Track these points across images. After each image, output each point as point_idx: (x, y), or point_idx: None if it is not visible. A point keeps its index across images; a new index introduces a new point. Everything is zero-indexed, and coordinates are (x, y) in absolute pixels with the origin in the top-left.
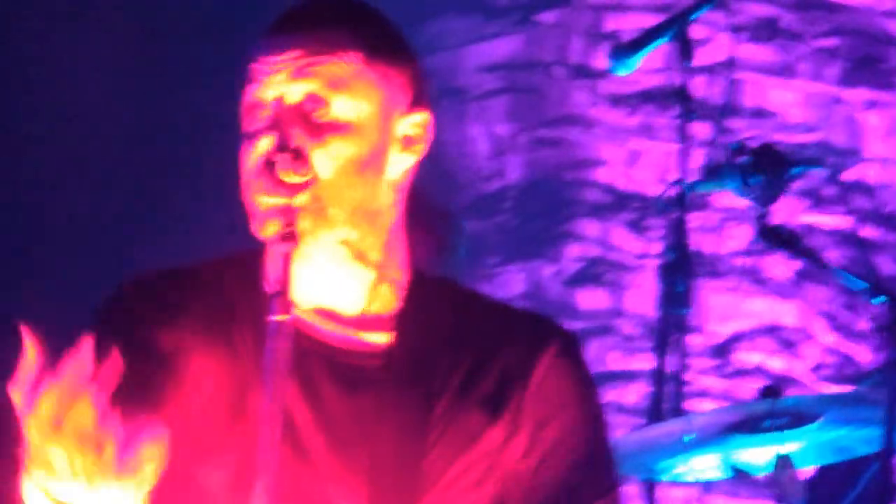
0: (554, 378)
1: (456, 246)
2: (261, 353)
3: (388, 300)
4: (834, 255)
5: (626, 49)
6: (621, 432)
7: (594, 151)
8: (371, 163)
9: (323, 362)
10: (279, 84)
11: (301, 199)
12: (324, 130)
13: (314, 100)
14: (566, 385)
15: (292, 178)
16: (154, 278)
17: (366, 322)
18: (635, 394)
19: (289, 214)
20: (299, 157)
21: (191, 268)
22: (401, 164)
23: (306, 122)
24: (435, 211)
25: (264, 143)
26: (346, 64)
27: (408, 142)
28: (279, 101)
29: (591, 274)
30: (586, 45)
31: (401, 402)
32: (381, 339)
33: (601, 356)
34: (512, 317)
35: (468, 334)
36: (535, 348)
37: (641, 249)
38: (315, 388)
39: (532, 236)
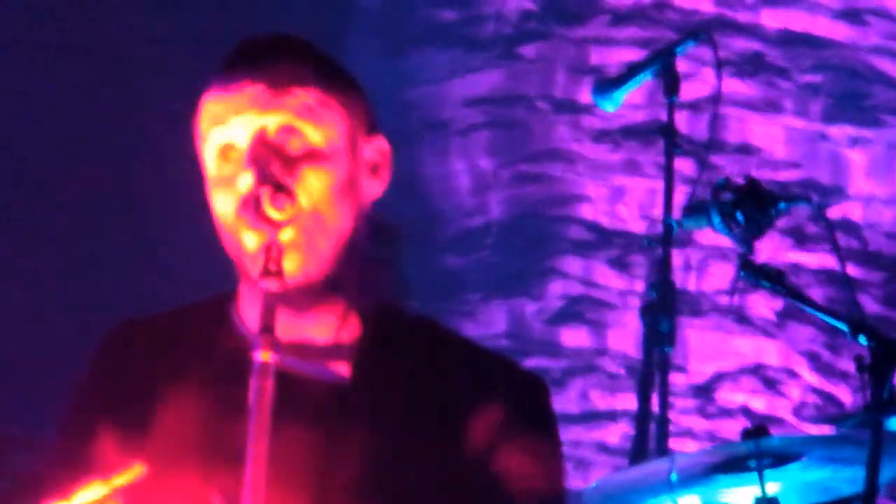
0: (513, 424)
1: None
2: (231, 395)
3: (353, 328)
4: (818, 294)
5: (610, 84)
6: (604, 472)
7: (577, 187)
8: (346, 189)
9: (280, 393)
10: (250, 120)
11: (287, 236)
12: (300, 162)
13: (288, 130)
14: (524, 432)
15: (275, 214)
16: (129, 328)
17: (330, 353)
18: (618, 433)
19: (273, 251)
20: (282, 191)
21: (166, 314)
22: (370, 191)
23: (282, 155)
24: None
25: (245, 181)
26: (310, 91)
27: (374, 168)
28: (256, 137)
29: (573, 311)
30: (570, 79)
31: (354, 434)
32: (341, 369)
33: (584, 395)
34: (478, 355)
35: (427, 371)
36: (496, 390)
37: (624, 287)
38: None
39: (514, 273)
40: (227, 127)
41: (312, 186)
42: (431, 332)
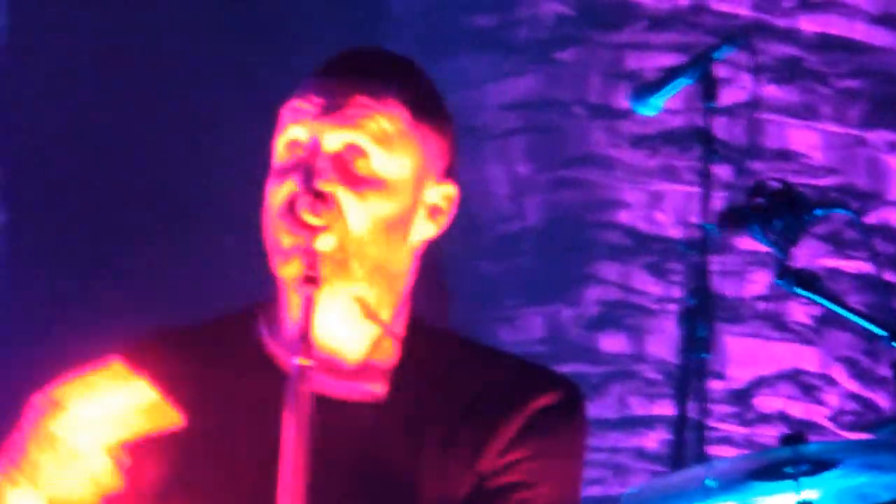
0: (538, 428)
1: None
2: (259, 407)
3: (388, 352)
4: (855, 300)
5: (647, 89)
6: (642, 478)
7: (615, 193)
8: (398, 224)
9: (315, 411)
10: (321, 128)
11: (325, 245)
12: (360, 182)
13: (355, 150)
14: (547, 440)
15: (313, 220)
16: (153, 338)
17: (364, 371)
18: (656, 440)
19: (311, 257)
20: (321, 199)
21: (191, 326)
22: (423, 233)
23: (343, 170)
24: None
25: (291, 184)
26: (392, 119)
27: (434, 211)
28: (316, 144)
29: (611, 317)
30: (607, 84)
31: (390, 454)
32: (376, 389)
33: (622, 401)
34: (513, 367)
35: (462, 384)
36: (524, 397)
37: (662, 293)
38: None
39: (552, 279)
40: (302, 126)
41: (364, 208)
42: (462, 347)
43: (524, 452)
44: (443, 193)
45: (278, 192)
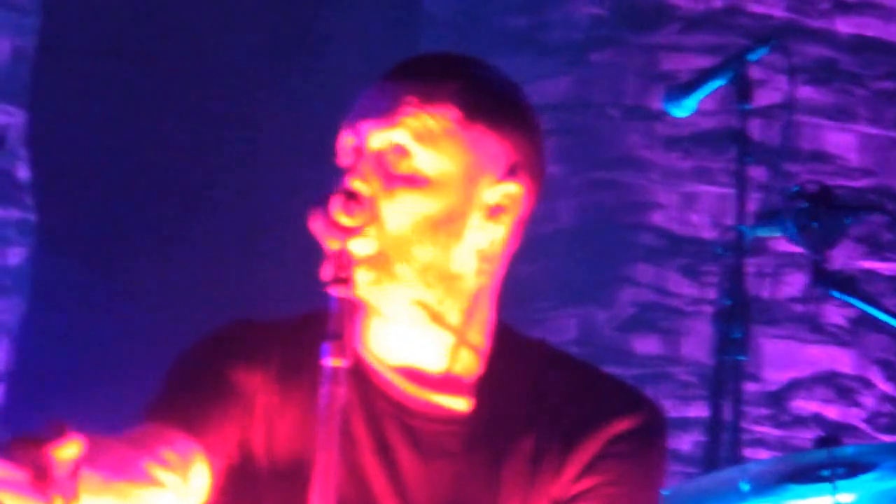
0: (617, 454)
1: None
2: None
3: (469, 365)
4: (892, 302)
5: (681, 90)
6: (676, 481)
7: (649, 194)
8: (445, 223)
9: (399, 425)
10: (367, 129)
11: (362, 247)
12: (397, 181)
13: (398, 149)
14: (626, 465)
15: (346, 221)
16: (248, 326)
17: (447, 384)
18: (690, 442)
19: (342, 258)
20: (352, 200)
21: (279, 321)
22: (485, 233)
23: (382, 170)
24: None
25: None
26: (438, 118)
27: (494, 211)
28: (361, 145)
29: (645, 319)
30: (641, 85)
31: (474, 471)
32: (460, 404)
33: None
34: (597, 384)
35: (547, 401)
36: (604, 420)
37: (696, 294)
38: (390, 451)
39: (585, 280)
40: (353, 129)
41: (404, 209)
42: (548, 360)
43: (600, 478)
44: (504, 192)
45: None
